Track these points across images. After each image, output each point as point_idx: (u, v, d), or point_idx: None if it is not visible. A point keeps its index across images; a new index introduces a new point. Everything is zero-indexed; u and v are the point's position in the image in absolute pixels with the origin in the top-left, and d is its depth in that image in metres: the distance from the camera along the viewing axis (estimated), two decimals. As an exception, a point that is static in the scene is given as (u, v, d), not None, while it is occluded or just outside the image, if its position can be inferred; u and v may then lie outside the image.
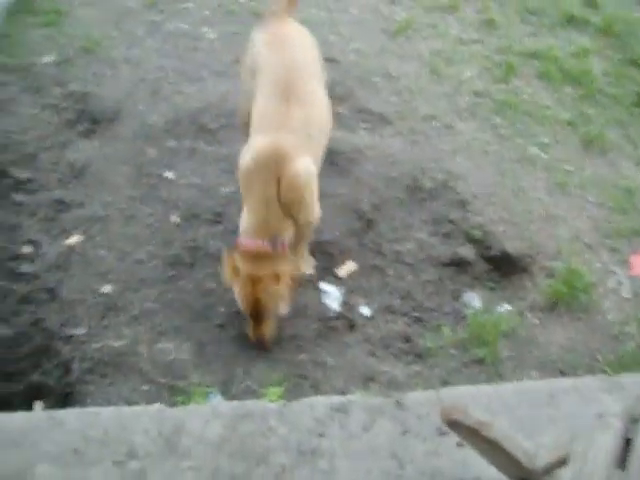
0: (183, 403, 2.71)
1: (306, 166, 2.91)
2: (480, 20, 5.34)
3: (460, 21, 5.35)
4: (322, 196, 3.63)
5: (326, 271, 3.33)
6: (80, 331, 3.04)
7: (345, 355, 2.99)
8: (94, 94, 4.30)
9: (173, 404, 2.61)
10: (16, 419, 2.38)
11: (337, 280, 3.31)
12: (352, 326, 3.13)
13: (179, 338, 2.99)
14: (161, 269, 3.25)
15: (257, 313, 2.88)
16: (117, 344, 2.99)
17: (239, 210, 3.50)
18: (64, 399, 2.83)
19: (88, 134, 4.05)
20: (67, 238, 3.42)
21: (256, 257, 2.85)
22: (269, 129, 2.96)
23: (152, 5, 5.22)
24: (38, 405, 2.79)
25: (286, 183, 2.85)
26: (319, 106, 3.13)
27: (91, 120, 4.12)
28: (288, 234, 2.96)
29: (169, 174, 3.74)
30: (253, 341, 2.95)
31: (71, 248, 3.36)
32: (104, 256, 3.30)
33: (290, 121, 2.94)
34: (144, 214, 3.51)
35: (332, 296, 3.22)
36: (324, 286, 3.26)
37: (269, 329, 2.94)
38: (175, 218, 3.49)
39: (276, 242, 2.89)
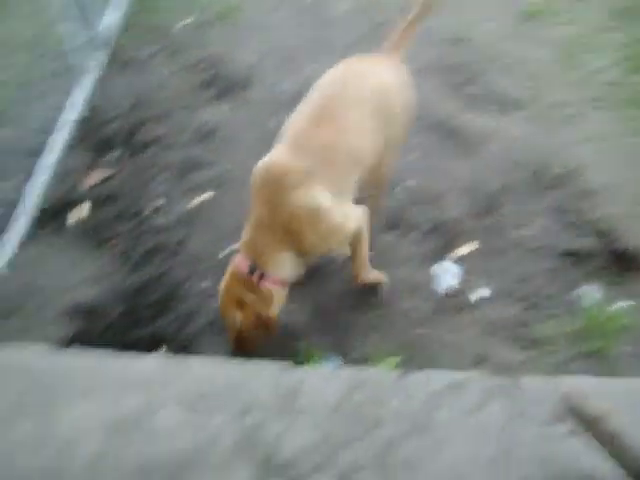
0: (299, 364, 2.79)
1: (310, 198, 2.57)
2: (621, 7, 5.14)
3: (599, 7, 5.17)
4: (446, 175, 3.65)
5: (447, 249, 3.33)
6: (204, 285, 3.16)
7: (460, 333, 2.99)
8: (228, 59, 4.43)
9: (290, 364, 2.68)
10: (147, 361, 2.50)
11: (458, 259, 3.31)
12: (469, 305, 3.12)
13: (299, 300, 3.06)
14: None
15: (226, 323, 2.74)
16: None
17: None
18: (184, 349, 2.95)
19: (220, 97, 4.18)
20: (196, 195, 3.54)
21: (236, 274, 2.67)
22: (289, 144, 2.69)
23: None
24: (162, 350, 2.92)
25: (286, 212, 2.57)
26: (355, 135, 2.75)
27: (224, 84, 4.25)
28: (282, 265, 2.67)
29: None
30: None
31: (199, 205, 3.48)
32: (230, 215, 3.41)
33: (311, 142, 2.65)
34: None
35: (451, 274, 3.22)
36: (444, 263, 3.26)
37: (233, 341, 2.75)
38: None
39: (254, 271, 2.63)
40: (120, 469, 2.20)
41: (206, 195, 3.52)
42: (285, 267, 2.68)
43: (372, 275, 3.11)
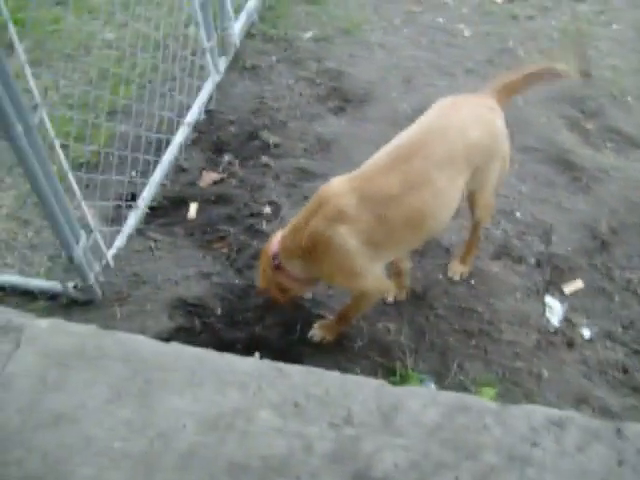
0: (395, 384, 2.78)
1: (334, 234, 2.55)
2: None
3: None
4: (557, 209, 3.59)
5: (552, 284, 3.27)
6: (306, 295, 3.19)
7: (560, 372, 2.94)
8: (348, 74, 4.48)
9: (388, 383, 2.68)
10: (246, 363, 2.54)
11: (562, 296, 3.24)
12: (570, 345, 3.06)
13: (400, 321, 3.07)
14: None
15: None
16: (341, 314, 3.11)
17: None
18: (281, 355, 2.98)
19: (337, 111, 4.22)
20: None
21: (269, 249, 2.80)
22: (355, 177, 2.69)
23: (413, -5, 5.31)
24: (256, 355, 2.96)
25: (313, 233, 2.60)
26: (426, 197, 2.59)
27: (342, 98, 4.29)
28: (295, 267, 2.74)
29: (412, 162, 3.82)
30: None
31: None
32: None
33: (374, 185, 2.60)
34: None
35: (555, 311, 3.17)
36: (549, 299, 3.21)
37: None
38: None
39: (276, 257, 2.76)
40: (211, 466, 2.24)
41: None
42: (298, 270, 2.75)
43: (334, 332, 3.04)
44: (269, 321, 3.12)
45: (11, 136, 2.40)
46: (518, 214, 3.57)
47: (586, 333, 3.12)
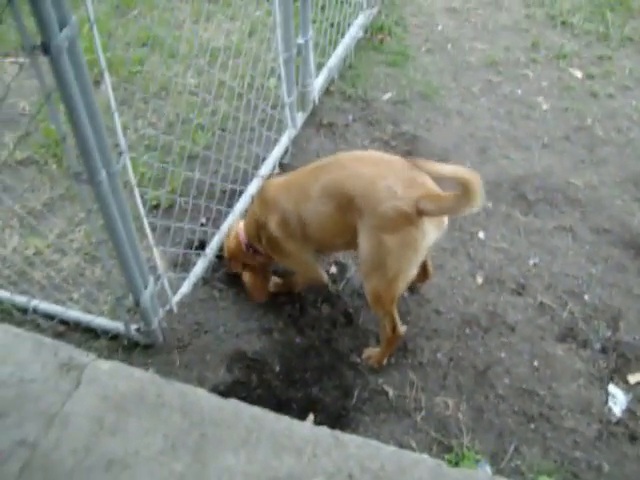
0: (450, 462, 2.73)
1: (265, 217, 3.13)
2: None
3: None
4: (628, 294, 3.51)
5: (617, 373, 3.18)
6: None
7: (621, 466, 2.83)
8: (423, 138, 4.48)
9: (440, 460, 2.62)
10: (303, 428, 2.52)
11: (626, 385, 3.15)
12: (633, 438, 2.95)
13: (459, 397, 3.02)
14: (456, 324, 3.30)
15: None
16: (400, 385, 3.07)
17: (544, 286, 3.49)
18: (336, 420, 2.96)
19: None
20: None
21: (240, 244, 3.42)
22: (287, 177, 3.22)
23: (492, 65, 5.31)
24: (310, 417, 2.94)
25: (260, 219, 3.20)
26: (307, 208, 2.95)
27: (415, 163, 4.28)
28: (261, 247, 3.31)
29: (481, 234, 3.79)
30: None
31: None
32: (405, 298, 3.41)
33: (291, 194, 3.04)
34: (450, 266, 3.58)
35: (618, 401, 3.08)
36: (612, 388, 3.12)
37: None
38: (479, 278, 3.54)
39: (249, 247, 3.36)
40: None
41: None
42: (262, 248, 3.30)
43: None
44: (327, 384, 3.10)
45: (95, 181, 2.45)
46: (586, 297, 3.50)
47: (650, 427, 3.02)
